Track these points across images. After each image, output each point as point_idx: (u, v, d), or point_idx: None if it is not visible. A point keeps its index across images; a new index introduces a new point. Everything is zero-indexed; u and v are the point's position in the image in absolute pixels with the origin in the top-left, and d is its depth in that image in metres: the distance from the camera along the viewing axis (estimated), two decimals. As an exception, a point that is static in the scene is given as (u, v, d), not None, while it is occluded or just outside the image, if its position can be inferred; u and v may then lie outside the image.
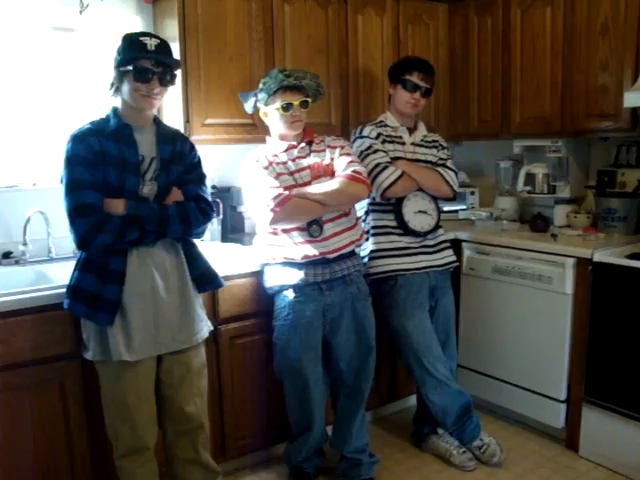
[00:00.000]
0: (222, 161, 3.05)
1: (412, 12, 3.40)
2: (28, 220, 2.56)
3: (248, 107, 2.54)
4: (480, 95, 3.46)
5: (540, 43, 3.13)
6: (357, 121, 3.21)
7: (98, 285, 1.94)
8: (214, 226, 2.85)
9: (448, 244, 2.89)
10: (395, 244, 2.72)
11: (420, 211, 2.74)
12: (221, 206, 2.89)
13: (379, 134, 2.73)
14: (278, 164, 2.42)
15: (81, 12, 2.65)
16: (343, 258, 2.45)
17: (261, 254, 2.51)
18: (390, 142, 2.74)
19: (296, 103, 2.38)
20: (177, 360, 2.08)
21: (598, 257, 2.68)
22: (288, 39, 2.92)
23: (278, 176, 2.39)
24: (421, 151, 2.81)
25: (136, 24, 2.81)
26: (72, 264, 2.05)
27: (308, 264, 2.39)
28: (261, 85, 2.43)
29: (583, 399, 2.79)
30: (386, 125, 2.79)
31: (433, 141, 2.87)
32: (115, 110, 2.00)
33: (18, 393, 2.09)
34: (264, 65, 2.83)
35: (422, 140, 2.83)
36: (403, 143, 2.78)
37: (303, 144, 2.47)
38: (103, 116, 2.01)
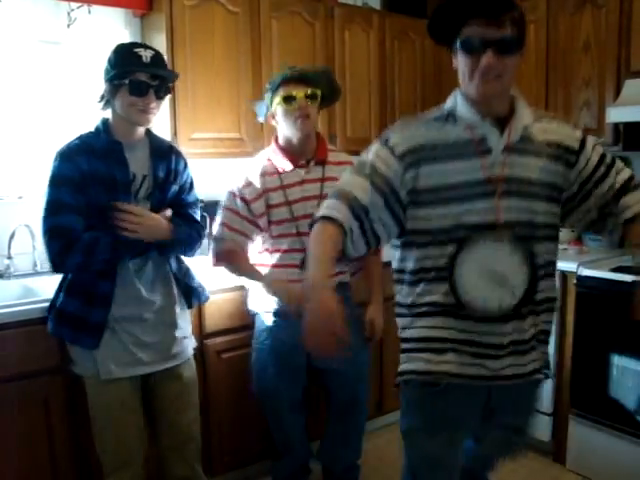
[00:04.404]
0: (210, 174, 3.04)
1: (398, 28, 3.44)
2: (13, 233, 2.54)
3: (260, 114, 2.32)
4: (466, 110, 3.48)
5: (524, 59, 3.16)
6: (344, 135, 3.24)
7: (84, 309, 1.90)
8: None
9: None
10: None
11: (491, 271, 1.44)
12: (208, 220, 2.88)
13: (417, 148, 1.48)
14: (275, 189, 2.19)
15: (69, 25, 2.65)
16: None
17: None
18: (449, 158, 1.46)
19: (300, 95, 2.12)
20: (168, 375, 2.06)
21: (583, 271, 2.71)
22: (275, 54, 2.94)
23: (270, 208, 2.19)
24: (520, 162, 1.48)
25: (124, 37, 2.81)
26: (58, 278, 2.01)
27: None
28: (267, 85, 2.24)
29: (569, 412, 2.81)
30: (455, 119, 1.50)
31: (551, 144, 1.52)
32: (105, 123, 1.92)
33: (1, 408, 2.06)
34: (251, 80, 2.85)
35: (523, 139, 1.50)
36: (485, 151, 1.47)
37: (314, 165, 2.22)
38: (92, 129, 1.94)
